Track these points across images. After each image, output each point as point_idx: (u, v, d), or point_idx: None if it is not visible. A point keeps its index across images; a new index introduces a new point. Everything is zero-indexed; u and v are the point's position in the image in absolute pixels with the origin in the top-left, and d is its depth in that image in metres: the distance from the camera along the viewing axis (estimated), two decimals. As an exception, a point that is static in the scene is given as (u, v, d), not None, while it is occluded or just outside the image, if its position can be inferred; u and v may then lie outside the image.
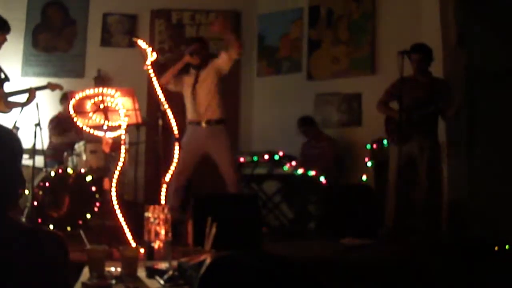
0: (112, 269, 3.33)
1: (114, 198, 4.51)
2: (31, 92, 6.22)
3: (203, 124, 6.39)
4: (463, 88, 6.82)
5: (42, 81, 8.19)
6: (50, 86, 6.53)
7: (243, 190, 6.91)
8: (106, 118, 5.10)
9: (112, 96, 4.92)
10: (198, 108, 6.41)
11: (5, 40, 5.97)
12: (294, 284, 2.22)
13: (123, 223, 4.43)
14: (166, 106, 5.00)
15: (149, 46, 4.98)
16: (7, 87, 6.06)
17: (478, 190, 6.57)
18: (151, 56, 4.96)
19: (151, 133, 7.47)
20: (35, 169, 6.33)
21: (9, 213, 1.95)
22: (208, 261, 2.68)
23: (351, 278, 4.51)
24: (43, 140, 6.60)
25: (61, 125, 7.55)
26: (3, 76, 5.91)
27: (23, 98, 6.22)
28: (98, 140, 6.44)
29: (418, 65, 6.28)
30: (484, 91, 6.77)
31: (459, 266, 4.69)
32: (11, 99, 6.11)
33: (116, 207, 4.48)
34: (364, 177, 7.42)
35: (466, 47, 7.02)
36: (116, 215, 4.48)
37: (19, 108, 6.17)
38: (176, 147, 4.95)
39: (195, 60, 6.45)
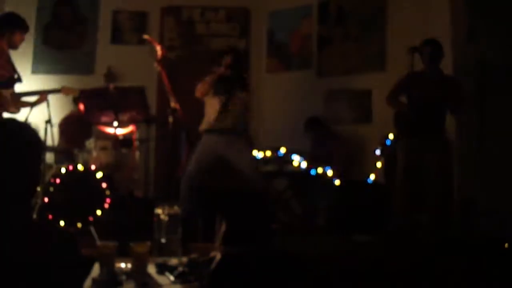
0: (123, 265, 3.35)
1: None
2: (42, 95, 6.23)
3: (224, 132, 6.38)
4: (473, 83, 6.80)
5: (52, 78, 8.26)
6: (64, 91, 6.50)
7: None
8: (117, 114, 5.12)
9: (122, 93, 4.93)
10: (225, 119, 6.39)
11: (23, 39, 6.00)
12: (303, 280, 2.23)
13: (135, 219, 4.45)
14: (175, 103, 5.01)
15: (159, 43, 5.00)
16: (18, 87, 6.07)
17: (488, 187, 6.56)
18: (161, 53, 4.97)
19: (161, 129, 7.51)
20: (45, 166, 6.36)
21: (23, 210, 1.97)
22: (218, 257, 2.69)
23: (360, 274, 4.51)
24: (54, 137, 6.64)
25: (71, 125, 7.58)
26: (16, 76, 5.92)
27: (33, 98, 6.24)
28: (108, 137, 6.47)
29: (429, 58, 6.23)
30: (495, 86, 6.75)
31: (469, 263, 4.68)
32: (22, 99, 6.13)
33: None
34: (373, 174, 7.41)
35: (476, 42, 7.00)
36: (127, 211, 4.50)
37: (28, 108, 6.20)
38: (185, 143, 4.95)
39: (227, 72, 6.41)
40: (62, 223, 6.08)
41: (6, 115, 5.89)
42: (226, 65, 6.32)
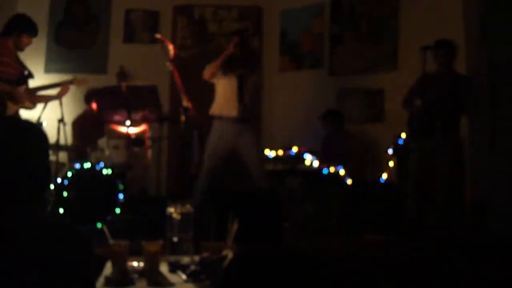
0: (135, 263, 3.36)
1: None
2: (64, 87, 6.25)
3: (235, 121, 6.40)
4: (486, 83, 6.78)
5: (65, 77, 8.25)
6: (76, 82, 6.52)
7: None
8: (129, 113, 5.14)
9: (135, 92, 4.95)
10: (233, 105, 6.41)
11: (30, 42, 6.02)
12: (315, 280, 2.23)
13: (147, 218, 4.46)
14: (187, 102, 5.02)
15: (171, 42, 5.01)
16: (32, 84, 6.10)
17: (500, 187, 6.53)
18: (173, 52, 4.98)
19: (173, 128, 7.52)
20: (58, 165, 6.39)
21: (36, 208, 1.97)
22: (230, 256, 2.69)
23: (372, 274, 4.51)
24: (67, 136, 6.67)
25: (84, 124, 7.62)
26: (26, 73, 5.95)
27: (54, 91, 6.27)
28: (120, 136, 6.49)
29: (443, 61, 6.24)
30: (507, 86, 6.72)
31: (481, 264, 4.67)
32: (41, 93, 6.15)
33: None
34: (385, 173, 7.40)
35: (489, 42, 6.98)
36: (139, 209, 4.51)
37: (43, 104, 6.23)
38: (196, 142, 4.97)
39: (236, 51, 6.44)
40: (74, 221, 6.10)
41: (22, 111, 5.93)
42: (234, 45, 6.38)
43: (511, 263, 4.62)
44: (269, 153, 7.52)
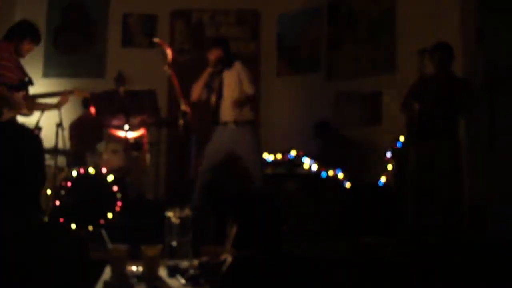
0: (134, 268, 3.36)
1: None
2: (63, 97, 6.24)
3: (230, 125, 6.31)
4: (482, 84, 6.79)
5: (63, 81, 8.32)
6: (76, 92, 6.49)
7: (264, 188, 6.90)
8: (127, 118, 5.14)
9: (133, 96, 4.96)
10: (224, 109, 6.32)
11: (31, 49, 6.00)
12: (313, 283, 2.24)
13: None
14: (185, 106, 5.03)
15: (169, 46, 5.01)
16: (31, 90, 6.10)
17: (498, 190, 6.54)
18: (171, 56, 4.99)
19: (171, 132, 7.53)
20: (57, 169, 6.38)
21: (29, 210, 1.98)
22: (228, 260, 2.70)
23: (370, 278, 4.51)
24: (65, 140, 6.67)
25: (82, 128, 7.63)
26: (27, 79, 5.94)
27: (53, 100, 6.26)
28: (118, 140, 6.49)
29: (439, 63, 6.25)
30: (504, 88, 6.73)
31: (480, 267, 4.67)
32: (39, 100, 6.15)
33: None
34: (384, 176, 7.40)
35: (486, 44, 6.99)
36: (138, 214, 4.52)
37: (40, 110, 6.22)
38: (194, 146, 4.97)
39: (218, 68, 6.30)
40: (73, 226, 6.11)
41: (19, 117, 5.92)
42: (212, 62, 6.26)
43: (510, 266, 4.62)
44: (268, 157, 7.52)
